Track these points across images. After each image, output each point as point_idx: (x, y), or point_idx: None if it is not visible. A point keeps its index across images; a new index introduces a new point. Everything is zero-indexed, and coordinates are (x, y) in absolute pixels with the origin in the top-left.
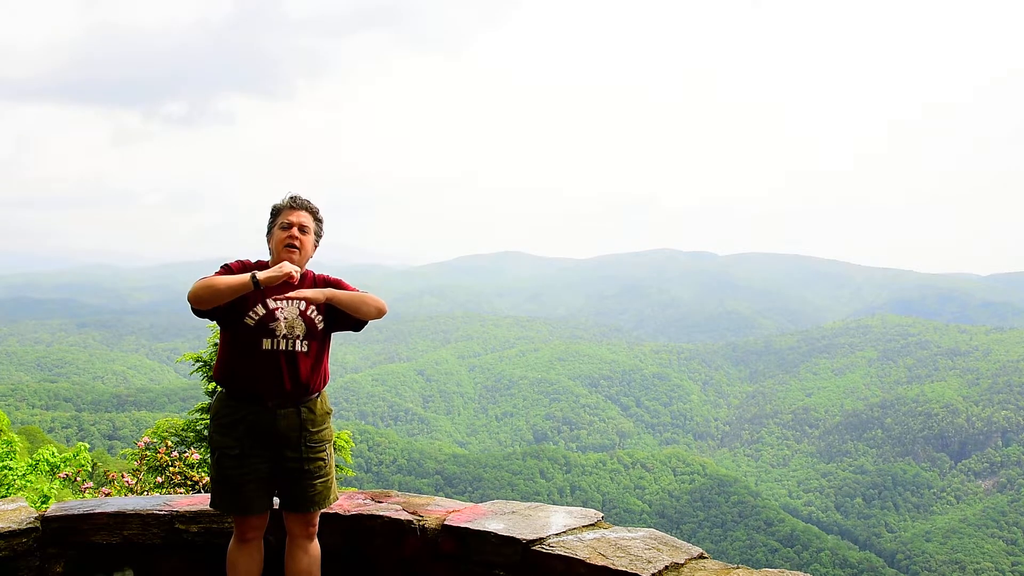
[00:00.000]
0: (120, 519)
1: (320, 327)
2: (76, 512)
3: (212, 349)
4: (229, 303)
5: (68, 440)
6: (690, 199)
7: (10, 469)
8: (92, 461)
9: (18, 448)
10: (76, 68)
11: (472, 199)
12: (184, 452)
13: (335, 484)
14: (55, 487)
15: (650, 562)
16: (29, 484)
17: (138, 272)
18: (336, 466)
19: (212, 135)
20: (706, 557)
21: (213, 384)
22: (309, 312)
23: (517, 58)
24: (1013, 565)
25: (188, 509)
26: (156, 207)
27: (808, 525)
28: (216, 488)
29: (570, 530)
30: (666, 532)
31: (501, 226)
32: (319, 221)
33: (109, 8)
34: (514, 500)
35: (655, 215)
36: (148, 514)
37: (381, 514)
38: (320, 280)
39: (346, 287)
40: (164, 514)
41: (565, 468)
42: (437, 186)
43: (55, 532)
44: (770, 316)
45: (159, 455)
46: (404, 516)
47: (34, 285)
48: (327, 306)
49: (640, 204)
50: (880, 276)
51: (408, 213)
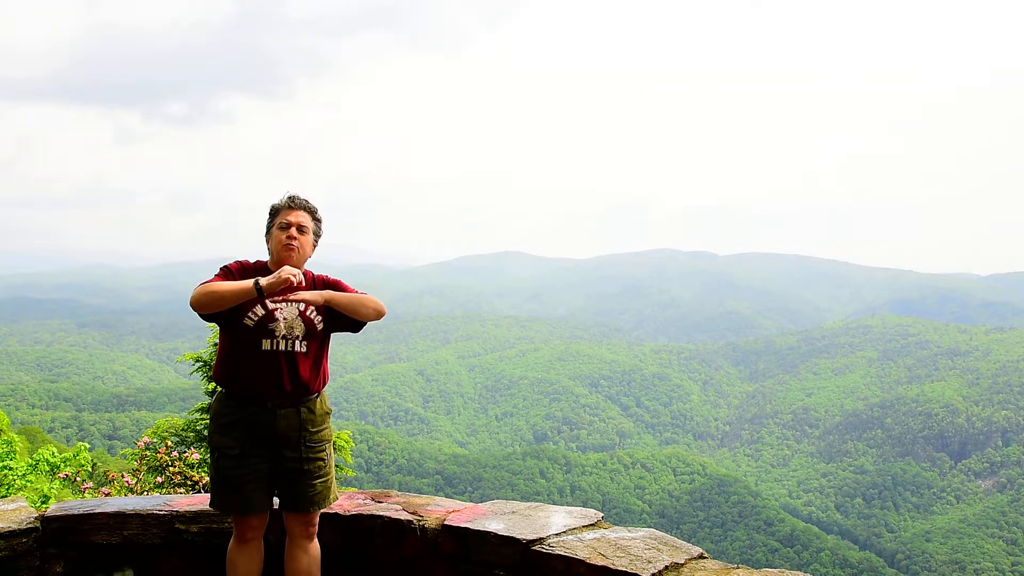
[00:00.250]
0: (120, 519)
1: (319, 328)
2: (76, 512)
3: (212, 349)
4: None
5: (68, 440)
6: (690, 199)
7: (10, 469)
8: (92, 461)
9: (18, 448)
10: (77, 68)
11: (472, 199)
12: (184, 452)
13: (335, 484)
14: (55, 487)
15: (650, 562)
16: (29, 484)
17: (138, 272)
18: (336, 466)
19: (212, 135)
20: (706, 557)
21: (213, 384)
22: (308, 313)
23: (517, 59)
24: (1013, 565)
25: (188, 509)
26: (156, 207)
27: (808, 525)
28: (216, 488)
29: (570, 530)
30: (666, 532)
31: (501, 226)
32: (318, 221)
33: (110, 8)
34: (514, 500)
35: (655, 215)
36: (148, 514)
37: (381, 514)
38: (319, 280)
39: (345, 288)
40: (164, 514)
41: (565, 468)
42: (437, 186)
43: (55, 532)
44: (770, 316)
45: (159, 455)
46: (404, 516)
47: (34, 285)
48: (326, 307)
49: (640, 204)
50: (880, 276)
51: (408, 213)
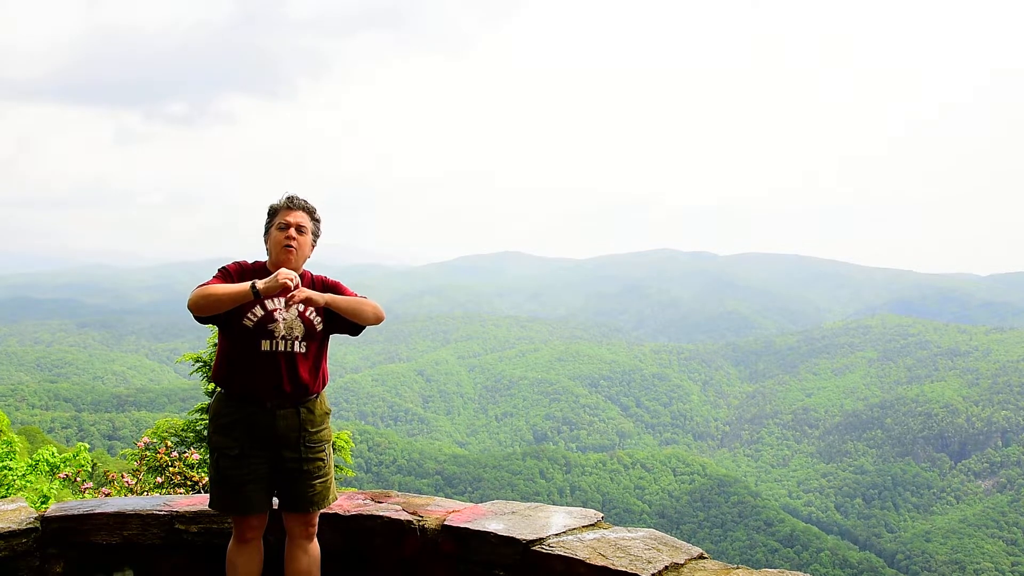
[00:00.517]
0: (120, 519)
1: (319, 328)
2: (76, 512)
3: (212, 349)
4: None
5: (68, 440)
6: (690, 199)
7: (10, 469)
8: (92, 461)
9: (18, 448)
10: (77, 68)
11: (472, 199)
12: (184, 452)
13: (334, 484)
14: (55, 487)
15: (650, 562)
16: (29, 484)
17: (138, 272)
18: (336, 466)
19: (213, 135)
20: (706, 557)
21: (213, 384)
22: (308, 313)
23: (517, 58)
24: (1013, 565)
25: (188, 509)
26: (156, 207)
27: (808, 525)
28: (215, 488)
29: (570, 530)
30: (666, 532)
31: (501, 226)
32: (316, 221)
33: (110, 8)
34: (514, 500)
35: (655, 215)
36: (148, 514)
37: (381, 514)
38: (318, 281)
39: (345, 291)
40: (164, 514)
41: (565, 468)
42: (437, 186)
43: (55, 532)
44: (770, 316)
45: (159, 455)
46: (404, 516)
47: (34, 285)
48: (326, 309)
49: (640, 204)
50: (880, 276)
51: (408, 213)
